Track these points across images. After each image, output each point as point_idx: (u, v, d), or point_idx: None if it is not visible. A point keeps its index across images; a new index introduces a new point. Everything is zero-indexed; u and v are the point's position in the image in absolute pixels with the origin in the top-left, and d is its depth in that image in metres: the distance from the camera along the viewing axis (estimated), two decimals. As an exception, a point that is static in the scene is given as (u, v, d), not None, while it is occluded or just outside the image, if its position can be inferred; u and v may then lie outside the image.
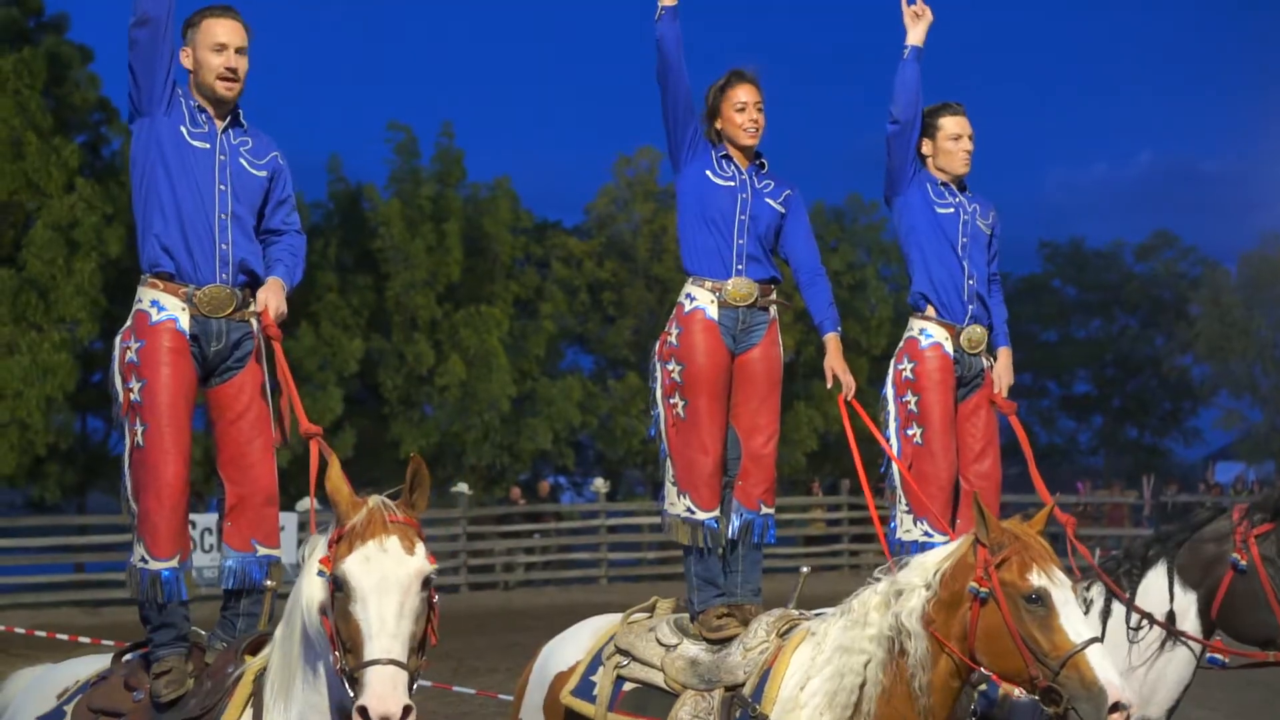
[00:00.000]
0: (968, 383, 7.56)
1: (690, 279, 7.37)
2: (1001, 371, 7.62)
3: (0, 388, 29.39)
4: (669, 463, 7.22)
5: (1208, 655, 6.83)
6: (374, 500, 4.96)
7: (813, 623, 6.61)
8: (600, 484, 32.81)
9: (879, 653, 6.14)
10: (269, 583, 5.42)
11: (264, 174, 6.20)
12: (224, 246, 6.04)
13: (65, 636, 15.17)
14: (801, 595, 7.12)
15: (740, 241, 7.29)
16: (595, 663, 7.15)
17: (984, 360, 7.59)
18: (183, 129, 6.06)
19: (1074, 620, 5.85)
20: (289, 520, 24.24)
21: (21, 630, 16.31)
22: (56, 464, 31.26)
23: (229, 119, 6.18)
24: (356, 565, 4.84)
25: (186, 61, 6.14)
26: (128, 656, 6.20)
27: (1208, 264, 54.36)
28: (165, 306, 5.99)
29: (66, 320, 29.92)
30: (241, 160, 6.14)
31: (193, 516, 6.01)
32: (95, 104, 32.36)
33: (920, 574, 6.16)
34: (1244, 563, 6.63)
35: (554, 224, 41.04)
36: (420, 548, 4.93)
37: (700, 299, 7.27)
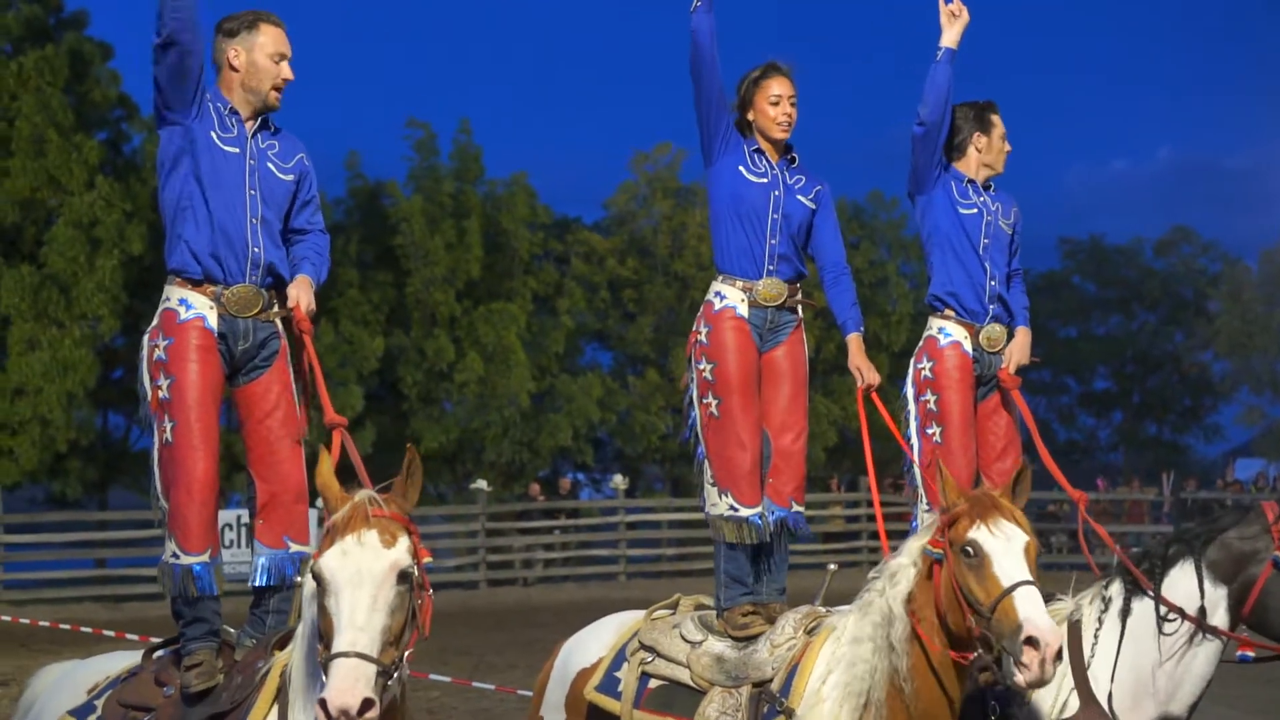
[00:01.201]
0: (987, 381, 7.57)
1: (720, 276, 7.33)
2: (1015, 349, 7.61)
3: (21, 384, 29.50)
4: (706, 464, 7.19)
5: (1238, 653, 6.84)
6: (360, 495, 4.97)
7: (835, 618, 6.64)
8: (619, 480, 32.81)
9: (880, 639, 6.19)
10: (299, 579, 5.46)
11: (291, 178, 6.22)
12: (255, 250, 6.07)
13: (89, 630, 15.23)
14: (827, 592, 7.14)
15: (773, 241, 7.26)
16: (619, 659, 7.16)
17: (1004, 359, 7.60)
18: (213, 134, 6.05)
19: (1005, 565, 5.83)
20: (311, 515, 24.29)
21: (45, 624, 16.38)
22: (78, 460, 31.38)
23: (259, 121, 6.20)
24: (333, 559, 4.85)
25: (236, 60, 6.14)
26: (159, 653, 6.24)
27: (1228, 260, 54.16)
28: (193, 305, 6.02)
29: (88, 317, 30.03)
30: (269, 164, 6.15)
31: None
32: (116, 101, 32.45)
33: (908, 554, 6.23)
34: None
35: (574, 220, 41.07)
36: (403, 542, 4.90)
37: (730, 297, 7.25)
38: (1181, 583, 6.75)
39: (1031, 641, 5.65)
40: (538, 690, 7.54)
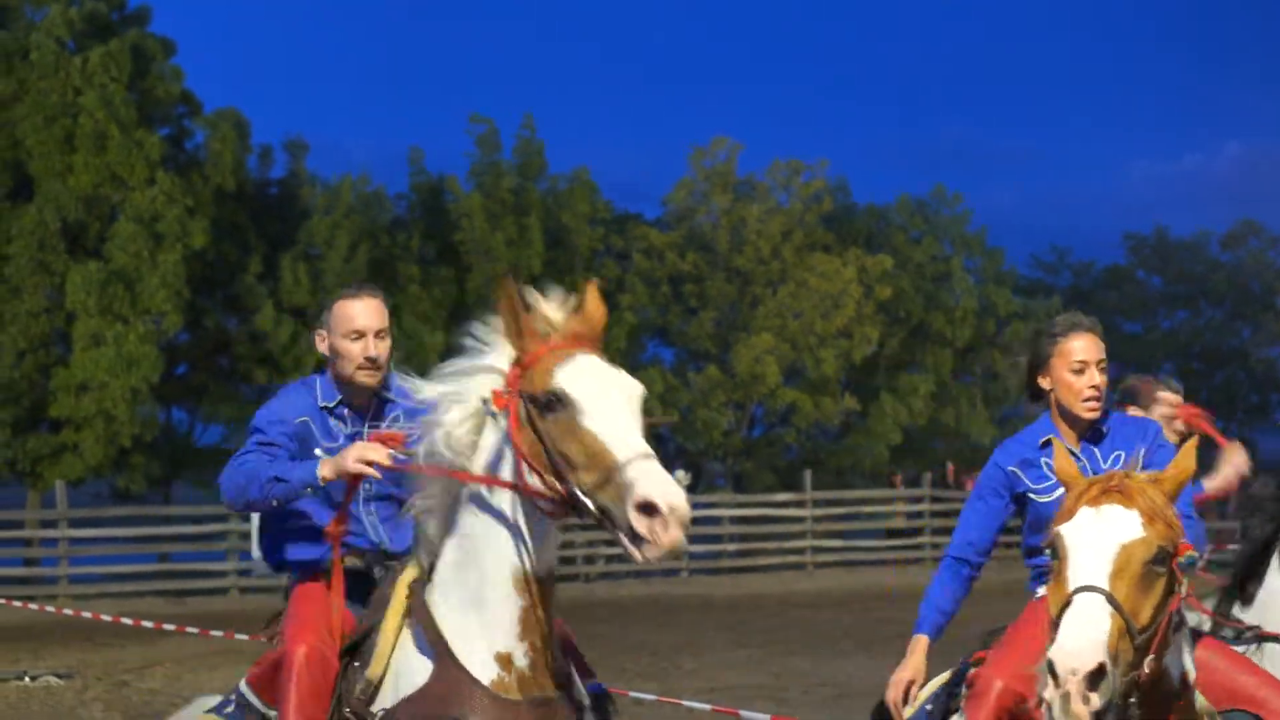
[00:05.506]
0: None
1: None
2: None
3: (86, 379, 29.65)
4: None
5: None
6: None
7: None
8: (681, 476, 32.67)
9: None
10: (417, 503, 5.11)
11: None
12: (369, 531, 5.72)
13: (150, 624, 15.23)
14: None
15: None
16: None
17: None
18: (317, 451, 5.60)
19: (1077, 569, 4.68)
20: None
21: (108, 619, 16.40)
22: (142, 455, 31.52)
23: (373, 405, 5.78)
24: (574, 378, 4.70)
25: (323, 347, 5.74)
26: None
27: (1296, 254, 53.71)
28: None
29: (151, 312, 30.14)
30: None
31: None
32: (178, 96, 32.57)
33: None
34: None
35: (634, 216, 40.96)
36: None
37: None
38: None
39: (1051, 671, 4.62)
40: None
